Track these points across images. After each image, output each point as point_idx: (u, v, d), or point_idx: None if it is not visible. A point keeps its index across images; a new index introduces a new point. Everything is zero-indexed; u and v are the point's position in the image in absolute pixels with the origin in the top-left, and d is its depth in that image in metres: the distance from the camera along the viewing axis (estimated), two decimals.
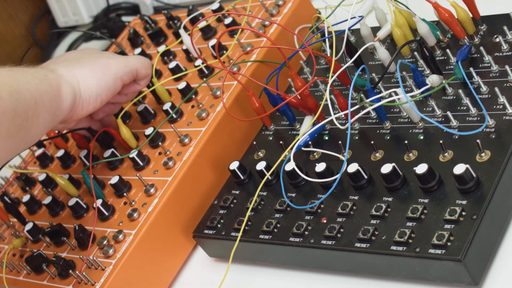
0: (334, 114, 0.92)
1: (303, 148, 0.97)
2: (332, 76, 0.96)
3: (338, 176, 0.88)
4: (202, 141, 1.05)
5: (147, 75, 1.10)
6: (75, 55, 1.07)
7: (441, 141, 0.85)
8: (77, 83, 1.01)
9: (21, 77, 0.94)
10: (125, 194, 1.06)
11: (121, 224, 1.03)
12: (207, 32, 1.22)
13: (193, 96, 1.12)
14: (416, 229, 0.81)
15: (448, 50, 0.95)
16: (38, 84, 0.95)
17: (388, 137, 0.92)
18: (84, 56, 1.07)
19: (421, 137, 0.89)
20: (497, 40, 0.93)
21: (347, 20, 1.00)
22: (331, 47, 1.05)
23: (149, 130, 1.11)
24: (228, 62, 1.14)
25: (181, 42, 1.22)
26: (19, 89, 0.91)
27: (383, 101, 0.89)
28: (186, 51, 1.21)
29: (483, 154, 0.83)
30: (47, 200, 1.14)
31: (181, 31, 1.18)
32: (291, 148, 0.95)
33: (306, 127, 0.99)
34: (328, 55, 1.05)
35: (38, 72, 0.97)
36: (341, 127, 0.94)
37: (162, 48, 1.25)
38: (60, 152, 1.21)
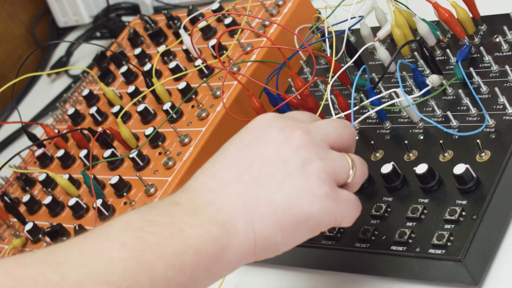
0: (335, 114, 0.92)
1: None
2: (332, 76, 0.96)
3: None
4: (202, 141, 1.05)
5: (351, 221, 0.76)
6: (253, 175, 0.72)
7: (441, 141, 0.85)
8: (253, 250, 0.71)
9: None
10: (125, 194, 1.06)
11: None
12: (207, 32, 1.22)
13: (193, 96, 1.12)
14: (416, 229, 0.81)
15: (448, 50, 0.95)
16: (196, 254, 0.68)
17: (388, 137, 0.92)
18: (267, 183, 0.72)
19: (421, 137, 0.89)
20: (497, 40, 0.93)
21: (347, 20, 1.00)
22: (331, 47, 1.05)
23: (149, 130, 1.11)
24: (228, 62, 1.14)
25: (181, 42, 1.21)
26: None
27: (384, 105, 0.90)
28: (186, 51, 1.21)
29: (483, 154, 0.82)
30: (47, 200, 1.14)
31: (181, 31, 1.18)
32: None
33: None
34: (328, 55, 1.05)
35: (202, 224, 0.69)
36: None
37: (162, 48, 1.25)
38: (60, 152, 1.21)
